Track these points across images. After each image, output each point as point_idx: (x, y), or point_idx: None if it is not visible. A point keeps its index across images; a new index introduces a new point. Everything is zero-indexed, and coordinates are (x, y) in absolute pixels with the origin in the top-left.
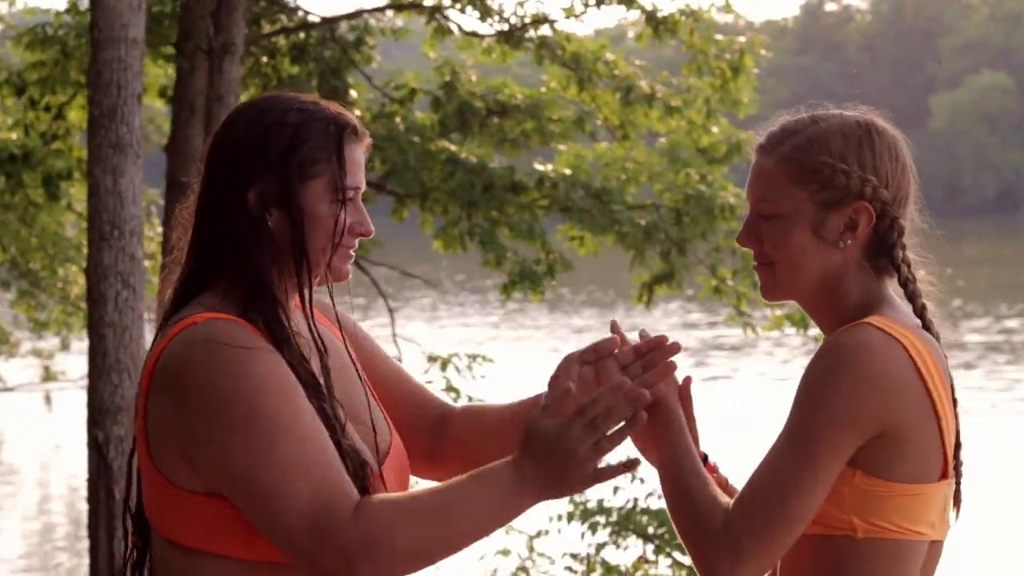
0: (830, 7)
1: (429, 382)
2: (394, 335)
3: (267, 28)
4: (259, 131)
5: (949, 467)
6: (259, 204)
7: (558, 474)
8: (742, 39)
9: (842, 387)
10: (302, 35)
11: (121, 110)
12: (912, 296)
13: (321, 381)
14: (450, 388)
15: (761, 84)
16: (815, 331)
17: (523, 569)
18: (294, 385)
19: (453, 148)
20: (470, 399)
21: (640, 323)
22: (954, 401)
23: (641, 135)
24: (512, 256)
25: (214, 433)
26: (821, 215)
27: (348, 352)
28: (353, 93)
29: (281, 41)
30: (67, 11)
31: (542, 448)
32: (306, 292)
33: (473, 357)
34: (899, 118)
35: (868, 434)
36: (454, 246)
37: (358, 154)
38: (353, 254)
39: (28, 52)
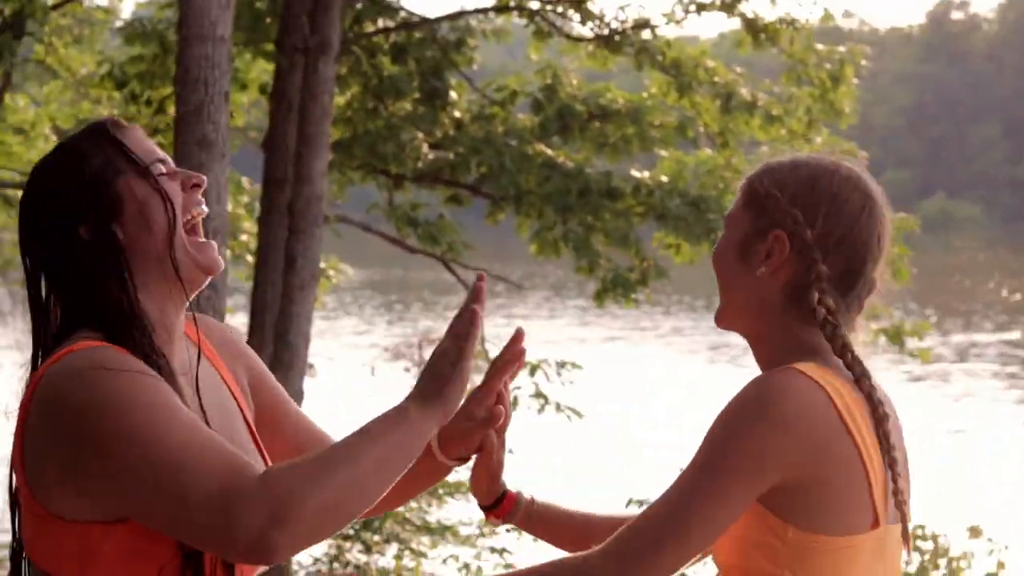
0: (956, 15)
1: (518, 387)
2: (482, 338)
3: (369, 27)
4: (53, 191)
5: (880, 516)
6: (92, 232)
7: (433, 389)
8: (842, 49)
9: (754, 427)
10: (403, 35)
11: (208, 108)
12: (831, 338)
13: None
14: (538, 394)
15: (886, 91)
16: (911, 344)
17: None
18: (177, 400)
19: (550, 152)
20: (558, 406)
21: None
22: (891, 446)
23: (741, 143)
24: (605, 263)
25: (102, 450)
26: (750, 239)
27: (227, 382)
28: (453, 94)
29: (382, 40)
30: (167, 6)
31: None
32: (184, 297)
33: (562, 364)
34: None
35: (778, 477)
36: (547, 251)
37: (136, 135)
38: (204, 239)
39: (128, 46)
